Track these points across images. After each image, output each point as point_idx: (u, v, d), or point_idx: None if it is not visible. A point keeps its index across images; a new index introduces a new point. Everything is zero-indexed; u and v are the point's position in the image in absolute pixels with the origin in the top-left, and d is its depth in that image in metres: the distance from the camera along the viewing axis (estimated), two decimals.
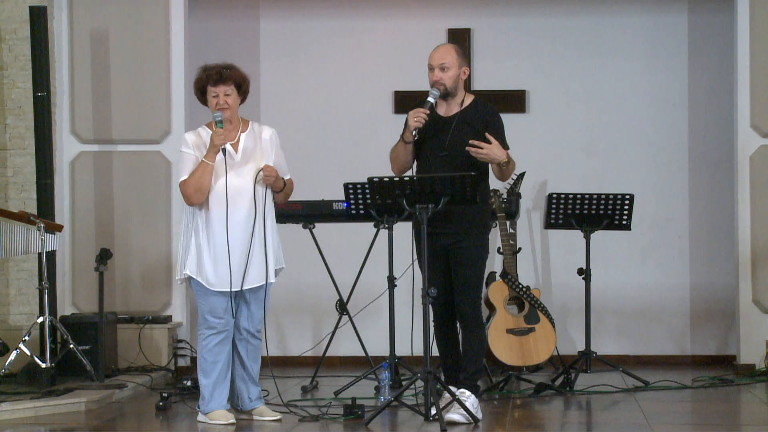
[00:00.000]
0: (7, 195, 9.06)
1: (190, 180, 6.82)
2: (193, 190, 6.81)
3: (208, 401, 6.92)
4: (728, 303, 9.52)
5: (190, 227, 6.91)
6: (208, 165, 6.81)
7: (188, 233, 6.92)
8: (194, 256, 6.88)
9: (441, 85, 6.94)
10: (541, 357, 8.55)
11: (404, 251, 7.93)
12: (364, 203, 8.04)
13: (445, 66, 6.96)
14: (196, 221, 6.89)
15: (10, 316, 9.07)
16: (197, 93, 7.00)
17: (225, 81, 6.88)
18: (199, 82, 6.95)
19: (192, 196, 6.82)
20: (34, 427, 7.01)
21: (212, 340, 6.90)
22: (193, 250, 6.88)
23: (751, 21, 9.04)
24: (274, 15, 9.92)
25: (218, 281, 6.86)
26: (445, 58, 6.96)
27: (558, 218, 8.57)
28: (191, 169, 6.85)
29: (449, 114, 7.03)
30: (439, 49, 7.04)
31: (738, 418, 7.53)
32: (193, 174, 6.82)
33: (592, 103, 9.81)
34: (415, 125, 6.88)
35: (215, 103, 6.88)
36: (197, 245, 6.88)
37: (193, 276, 6.88)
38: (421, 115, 6.87)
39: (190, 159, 6.89)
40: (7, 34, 9.05)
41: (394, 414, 7.25)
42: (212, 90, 6.88)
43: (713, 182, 9.71)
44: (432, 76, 6.97)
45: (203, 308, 6.92)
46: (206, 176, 6.81)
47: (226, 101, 6.87)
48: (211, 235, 6.85)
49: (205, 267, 6.85)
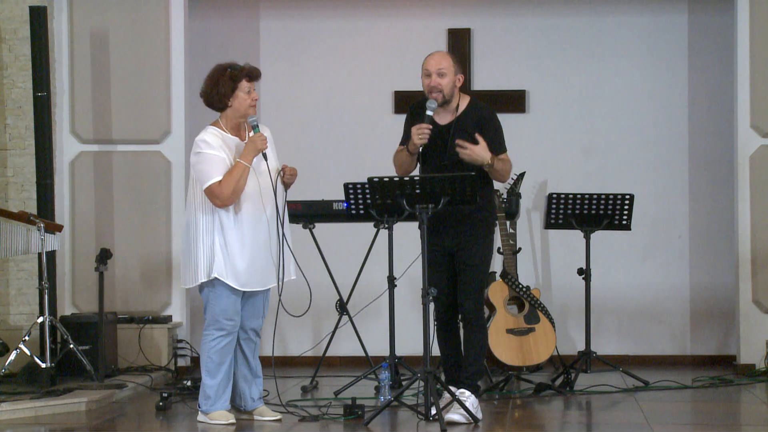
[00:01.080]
0: (7, 195, 9.06)
1: (228, 182, 6.69)
2: (231, 192, 6.69)
3: (213, 402, 6.90)
4: (728, 303, 9.52)
5: (211, 229, 6.80)
6: (247, 167, 6.73)
7: (209, 235, 6.79)
8: (222, 257, 6.77)
9: (438, 92, 6.94)
10: (541, 357, 8.55)
11: (404, 251, 7.95)
12: (364, 203, 8.04)
13: (442, 71, 6.95)
14: (221, 222, 6.77)
15: (10, 316, 9.07)
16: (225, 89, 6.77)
17: (258, 78, 6.90)
18: (234, 77, 6.80)
19: (229, 198, 6.70)
20: (34, 427, 7.00)
21: (221, 342, 6.86)
22: (219, 251, 6.78)
23: (751, 21, 9.04)
24: (274, 15, 9.92)
25: (249, 281, 6.83)
26: (442, 64, 6.95)
27: (558, 218, 8.57)
28: (222, 170, 6.72)
29: (445, 122, 7.03)
30: (434, 55, 7.04)
31: (738, 418, 7.53)
32: (231, 176, 6.70)
33: (592, 103, 9.81)
34: (420, 143, 6.91)
35: (251, 98, 6.82)
36: (224, 246, 6.77)
37: (222, 278, 6.78)
38: (424, 132, 6.90)
39: (218, 160, 6.74)
40: (7, 34, 9.06)
41: (394, 414, 7.25)
42: (248, 85, 6.82)
43: (713, 182, 9.71)
44: (429, 81, 6.95)
45: (215, 309, 6.83)
46: (245, 178, 6.72)
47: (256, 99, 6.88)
48: (242, 235, 6.77)
49: (237, 268, 6.78)
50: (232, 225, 6.78)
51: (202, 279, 6.80)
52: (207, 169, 6.75)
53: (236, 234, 6.78)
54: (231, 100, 6.82)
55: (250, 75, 6.85)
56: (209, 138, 6.80)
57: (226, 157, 6.76)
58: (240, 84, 6.81)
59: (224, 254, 6.77)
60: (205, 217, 6.81)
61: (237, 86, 6.81)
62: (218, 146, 6.77)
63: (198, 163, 6.81)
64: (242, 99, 6.83)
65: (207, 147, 6.77)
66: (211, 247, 6.78)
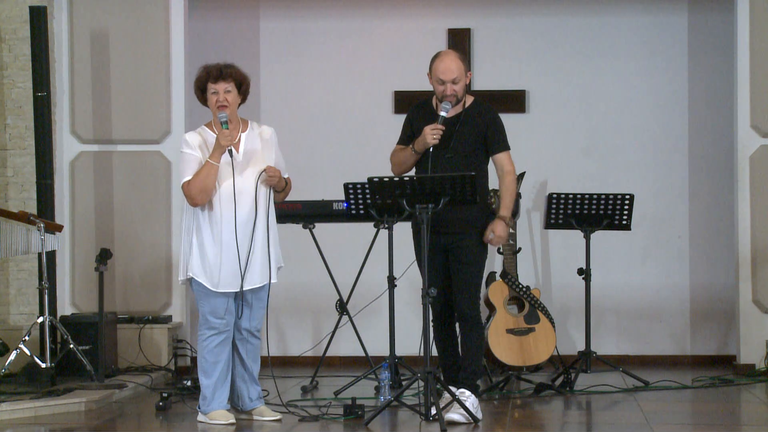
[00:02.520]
0: (7, 195, 9.06)
1: (195, 181, 6.77)
2: (198, 191, 6.77)
3: (209, 401, 6.92)
4: (728, 303, 9.52)
5: (191, 228, 6.87)
6: (214, 166, 6.77)
7: (189, 234, 6.88)
8: (197, 257, 6.84)
9: (453, 97, 7.00)
10: (541, 357, 8.55)
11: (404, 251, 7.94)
12: (364, 203, 8.05)
13: (456, 80, 6.99)
14: (198, 222, 6.84)
15: (10, 316, 9.07)
16: (197, 92, 6.96)
17: (225, 78, 6.86)
18: (199, 80, 6.92)
19: (196, 196, 6.78)
20: (34, 427, 7.00)
21: (213, 341, 6.89)
22: (196, 251, 6.84)
23: (751, 21, 9.04)
24: (274, 15, 9.92)
25: (222, 282, 6.84)
26: (454, 73, 6.96)
27: (558, 218, 8.57)
28: (194, 169, 6.81)
29: (451, 115, 7.06)
30: (444, 60, 7.00)
31: (738, 418, 7.53)
32: (198, 175, 6.78)
33: (592, 103, 9.81)
34: (433, 143, 6.92)
35: (215, 101, 6.84)
36: (199, 246, 6.84)
37: (196, 278, 6.85)
38: (439, 132, 6.93)
39: (192, 159, 6.84)
40: (7, 34, 9.06)
41: (394, 414, 7.25)
42: (212, 87, 6.85)
43: (713, 182, 9.71)
44: (444, 89, 6.97)
45: (204, 309, 6.90)
46: (211, 177, 6.77)
47: (225, 98, 6.85)
48: (215, 235, 6.81)
49: (210, 268, 6.83)
50: (207, 224, 6.84)
51: (181, 277, 6.95)
52: (182, 168, 6.92)
53: (209, 233, 6.83)
54: (207, 101, 6.94)
55: (211, 76, 6.89)
56: (189, 137, 6.93)
57: (200, 156, 6.83)
58: (207, 86, 6.90)
59: (199, 253, 6.84)
60: (186, 216, 6.94)
61: (205, 87, 6.91)
62: (196, 145, 6.87)
63: (178, 162, 7.03)
64: (209, 100, 6.92)
65: (185, 146, 6.91)
66: (189, 246, 6.89)
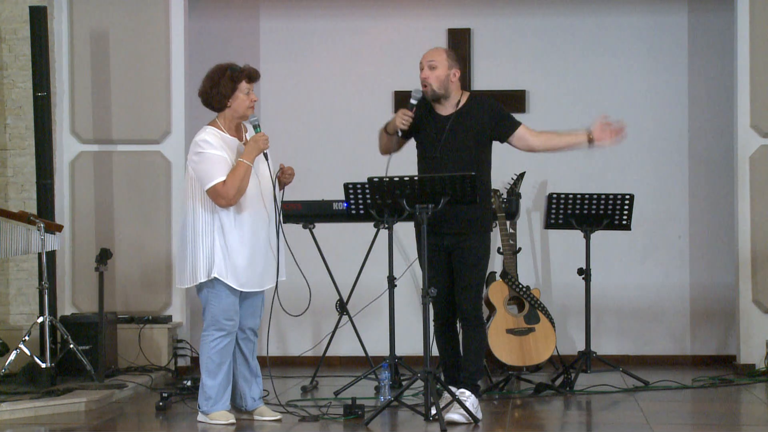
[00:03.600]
0: (7, 195, 9.06)
1: (232, 181, 6.68)
2: (236, 191, 6.68)
3: (214, 402, 6.89)
4: (728, 303, 9.52)
5: (211, 229, 6.77)
6: (250, 167, 6.72)
7: (209, 235, 6.77)
8: (222, 258, 6.76)
9: (426, 85, 7.02)
10: (541, 357, 8.55)
11: (404, 251, 7.95)
12: (364, 203, 8.05)
13: (433, 64, 7.02)
14: (221, 222, 6.76)
15: (10, 316, 9.07)
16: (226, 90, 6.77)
17: (258, 79, 6.92)
18: (234, 76, 6.79)
19: (234, 197, 6.69)
20: (34, 427, 7.00)
21: (221, 342, 6.86)
22: (219, 251, 6.76)
23: (751, 21, 9.04)
24: (274, 15, 9.92)
25: (248, 282, 6.82)
26: (433, 57, 7.05)
27: (558, 218, 8.57)
28: (225, 170, 6.70)
29: (446, 114, 7.08)
30: (429, 49, 7.16)
31: (738, 418, 7.53)
32: (235, 175, 6.68)
33: (592, 103, 9.80)
34: (400, 127, 7.00)
35: (250, 99, 6.83)
36: (224, 246, 6.76)
37: (222, 278, 6.77)
38: (406, 117, 6.98)
39: (221, 160, 6.72)
40: (7, 34, 9.06)
41: (394, 414, 7.25)
42: (247, 86, 6.82)
43: (713, 182, 9.71)
44: (421, 74, 7.06)
45: (216, 310, 6.82)
46: (248, 178, 6.72)
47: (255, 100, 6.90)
48: (242, 235, 6.76)
49: (237, 268, 6.78)
50: (232, 225, 6.77)
51: (202, 279, 6.78)
52: (209, 168, 6.73)
53: (237, 234, 6.77)
54: (230, 100, 6.83)
55: (250, 76, 6.86)
56: (210, 138, 6.77)
57: (227, 157, 6.76)
58: (240, 85, 6.82)
59: (224, 254, 6.76)
60: (205, 217, 6.79)
61: (237, 87, 6.81)
62: (219, 146, 6.76)
63: (200, 162, 6.77)
64: (242, 100, 6.83)
65: (209, 147, 6.75)
66: (211, 248, 6.77)
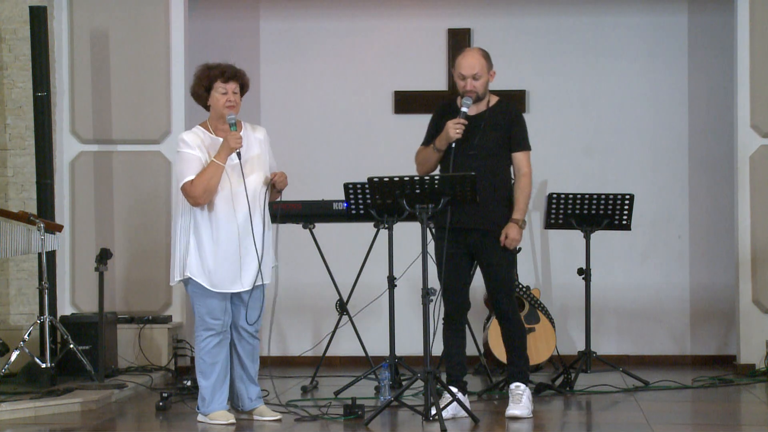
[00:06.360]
0: (7, 195, 9.06)
1: (199, 181, 6.71)
2: (202, 191, 6.70)
3: (208, 402, 6.91)
4: (728, 303, 9.52)
5: (188, 228, 6.83)
6: (220, 166, 6.72)
7: (185, 234, 6.83)
8: (195, 257, 6.81)
9: (473, 92, 7.05)
10: (541, 357, 8.55)
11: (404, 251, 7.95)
12: (364, 203, 8.05)
13: (477, 75, 7.05)
14: (196, 222, 6.80)
15: (10, 316, 9.07)
16: (200, 89, 6.86)
17: (235, 78, 6.85)
18: (206, 78, 6.84)
19: (200, 197, 6.72)
20: (34, 427, 7.00)
21: (210, 342, 6.88)
22: (193, 251, 6.81)
23: (751, 21, 9.04)
24: (274, 15, 9.92)
25: (220, 282, 6.83)
26: (476, 68, 7.06)
27: (558, 218, 8.57)
28: (197, 169, 6.75)
29: (474, 114, 7.09)
30: (467, 57, 7.12)
31: (738, 418, 7.53)
32: (203, 175, 6.72)
33: (592, 103, 9.81)
34: (456, 136, 6.96)
35: (225, 100, 6.81)
36: (197, 246, 6.81)
37: (195, 278, 6.82)
38: (461, 126, 6.96)
39: (193, 159, 6.78)
40: (7, 34, 9.06)
41: (394, 414, 7.25)
42: (222, 86, 6.81)
43: (713, 182, 9.71)
44: (465, 85, 7.05)
45: (201, 310, 6.86)
46: (216, 177, 6.72)
47: (235, 99, 6.85)
48: (215, 235, 6.78)
49: (208, 268, 6.80)
50: (206, 224, 6.79)
51: (177, 278, 6.88)
52: (182, 167, 6.82)
53: (209, 234, 6.79)
54: (209, 100, 6.87)
55: (224, 75, 6.84)
56: (188, 137, 6.85)
57: (201, 156, 6.78)
58: (215, 84, 6.84)
59: (197, 254, 6.79)
60: (183, 216, 6.86)
61: (212, 86, 6.84)
62: (196, 145, 6.80)
63: (176, 161, 6.94)
64: (217, 99, 6.85)
65: (184, 146, 6.82)
66: (186, 247, 6.83)
